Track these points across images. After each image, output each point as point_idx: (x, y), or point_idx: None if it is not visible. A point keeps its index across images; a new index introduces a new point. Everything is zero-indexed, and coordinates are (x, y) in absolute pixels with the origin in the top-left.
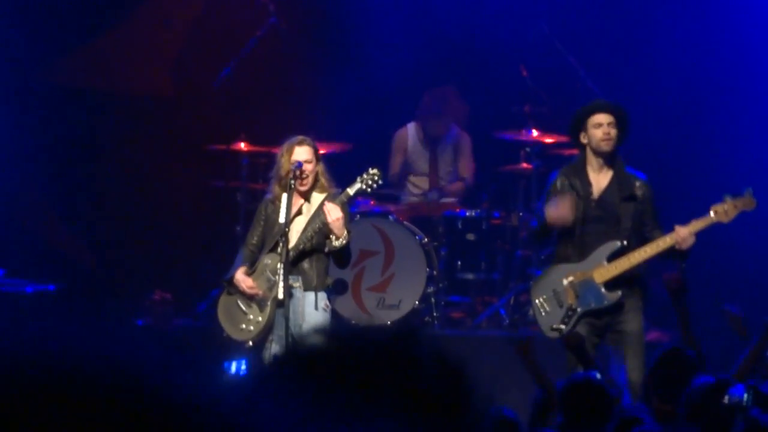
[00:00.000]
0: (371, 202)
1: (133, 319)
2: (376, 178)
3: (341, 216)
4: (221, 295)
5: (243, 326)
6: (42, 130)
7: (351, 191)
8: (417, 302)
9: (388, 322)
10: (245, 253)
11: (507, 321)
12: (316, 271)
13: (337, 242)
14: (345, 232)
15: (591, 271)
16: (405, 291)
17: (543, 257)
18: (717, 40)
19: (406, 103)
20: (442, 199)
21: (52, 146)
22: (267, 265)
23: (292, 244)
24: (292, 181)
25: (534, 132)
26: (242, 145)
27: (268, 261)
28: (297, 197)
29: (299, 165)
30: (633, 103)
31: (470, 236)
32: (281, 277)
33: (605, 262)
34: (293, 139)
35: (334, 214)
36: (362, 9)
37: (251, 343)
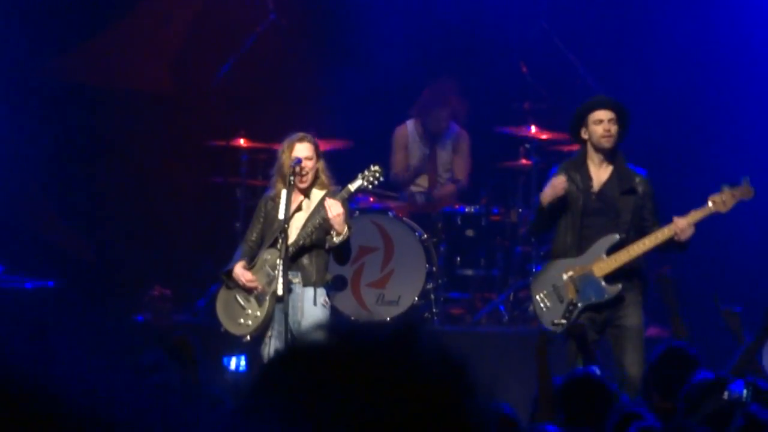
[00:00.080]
0: (370, 199)
1: (132, 315)
2: (377, 174)
3: (342, 212)
4: (220, 290)
5: (241, 321)
6: (41, 127)
7: (352, 188)
8: (416, 298)
9: (388, 318)
10: (244, 248)
11: (506, 317)
12: (315, 267)
13: (338, 238)
14: (345, 228)
15: (590, 265)
16: (404, 287)
17: (543, 253)
18: (715, 34)
19: (406, 100)
20: (429, 202)
21: (51, 143)
22: (266, 260)
23: (291, 240)
24: (292, 178)
25: (533, 128)
26: (242, 142)
27: (267, 256)
28: (297, 194)
29: (298, 161)
30: (632, 98)
31: (469, 232)
32: (280, 272)
33: (604, 255)
34: (294, 136)
35: (334, 210)
36: (361, 5)
37: (249, 337)
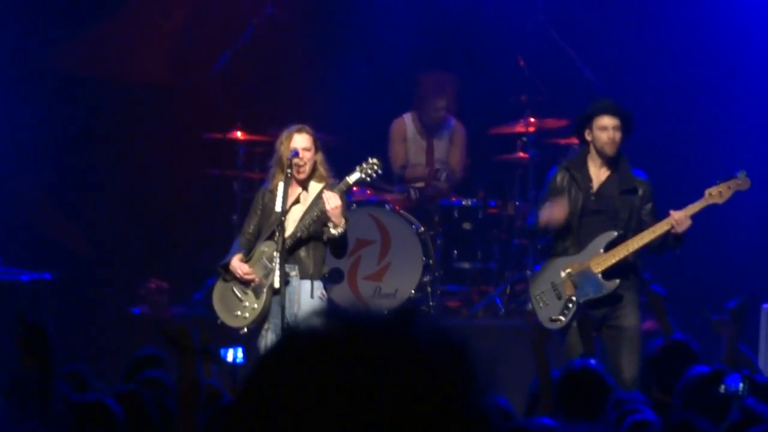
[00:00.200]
0: (367, 192)
1: (129, 308)
2: (375, 167)
3: (340, 204)
4: (216, 282)
5: (238, 313)
6: (37, 119)
7: (350, 180)
8: (413, 291)
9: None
10: (241, 240)
11: (503, 310)
12: (313, 259)
13: (335, 230)
14: (342, 220)
15: (588, 262)
16: (401, 280)
17: (540, 246)
18: (713, 27)
19: (403, 93)
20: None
21: (47, 135)
22: (264, 253)
23: (289, 233)
24: (289, 170)
25: (531, 121)
26: (239, 134)
27: (264, 248)
28: (295, 186)
29: (296, 153)
30: (630, 92)
31: (466, 225)
32: (278, 265)
33: (602, 251)
34: (292, 127)
35: (333, 202)
36: None
37: (246, 330)
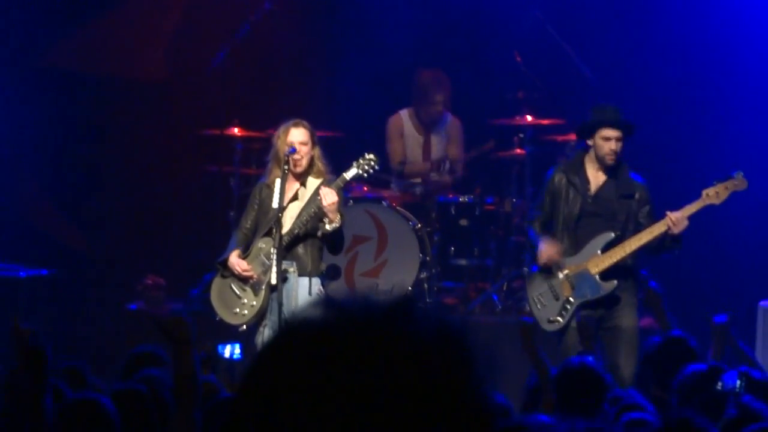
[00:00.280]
0: (364, 188)
1: (126, 304)
2: (372, 163)
3: (336, 200)
4: (214, 279)
5: (237, 310)
6: (35, 115)
7: (347, 176)
8: (410, 288)
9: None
10: (239, 236)
11: (500, 307)
12: (310, 256)
13: (329, 226)
14: (338, 216)
15: (586, 263)
16: (398, 276)
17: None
18: (710, 24)
19: (400, 90)
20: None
21: (44, 131)
22: (261, 249)
23: (286, 229)
24: (286, 167)
25: (528, 117)
26: (236, 130)
27: (262, 245)
28: (292, 182)
29: (293, 150)
30: (626, 89)
31: (463, 222)
32: (275, 261)
33: (599, 252)
34: (289, 122)
35: (329, 198)
36: None
37: (245, 327)
